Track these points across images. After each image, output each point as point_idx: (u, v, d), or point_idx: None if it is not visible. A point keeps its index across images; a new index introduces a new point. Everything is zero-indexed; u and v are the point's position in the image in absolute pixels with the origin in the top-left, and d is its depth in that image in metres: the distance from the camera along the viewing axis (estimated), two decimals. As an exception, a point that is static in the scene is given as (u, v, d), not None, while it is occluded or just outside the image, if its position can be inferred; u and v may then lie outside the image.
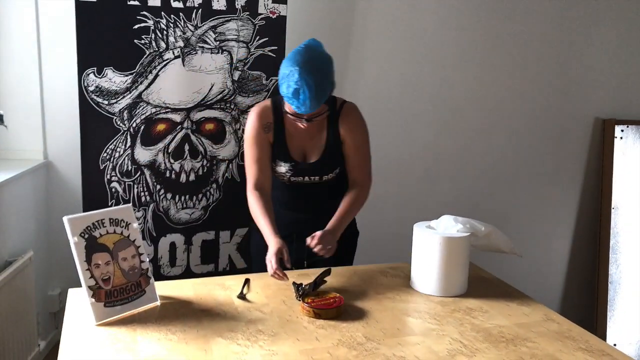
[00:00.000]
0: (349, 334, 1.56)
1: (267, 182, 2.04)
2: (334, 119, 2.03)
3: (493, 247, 1.95)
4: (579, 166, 3.45)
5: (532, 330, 1.63)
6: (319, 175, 2.06)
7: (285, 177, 2.06)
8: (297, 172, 2.05)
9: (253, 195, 2.01)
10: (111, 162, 2.41)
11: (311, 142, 2.04)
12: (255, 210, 1.99)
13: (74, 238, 1.55)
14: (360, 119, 2.08)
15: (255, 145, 2.02)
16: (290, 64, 1.83)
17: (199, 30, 2.39)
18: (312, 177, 2.06)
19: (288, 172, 2.05)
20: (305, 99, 1.81)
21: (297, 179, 2.06)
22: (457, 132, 3.21)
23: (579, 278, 3.56)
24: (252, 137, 2.02)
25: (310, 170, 2.05)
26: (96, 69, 2.31)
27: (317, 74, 1.83)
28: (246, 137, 2.05)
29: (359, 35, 2.96)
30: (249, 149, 2.04)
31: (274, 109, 2.03)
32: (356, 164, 2.08)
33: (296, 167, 2.04)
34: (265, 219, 1.94)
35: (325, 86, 1.86)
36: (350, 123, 2.05)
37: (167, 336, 1.51)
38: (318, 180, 2.07)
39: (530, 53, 3.23)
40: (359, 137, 2.06)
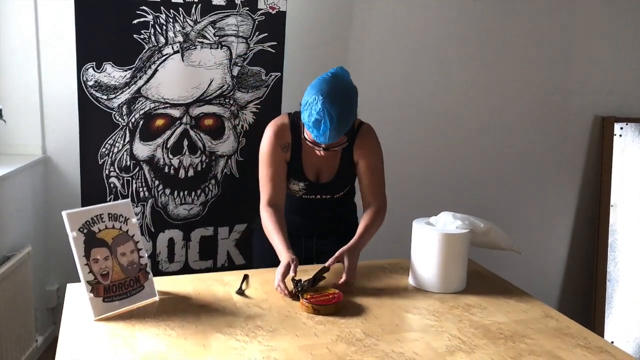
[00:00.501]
0: (348, 330, 1.56)
1: (281, 198, 2.01)
2: (349, 139, 1.99)
3: (492, 243, 1.95)
4: (578, 164, 3.45)
5: (530, 327, 1.63)
6: (332, 194, 2.07)
7: (298, 194, 2.07)
8: (310, 191, 2.06)
9: (267, 212, 1.97)
10: (110, 157, 2.40)
11: (325, 162, 2.02)
12: (268, 226, 1.95)
13: (73, 233, 1.54)
14: (376, 142, 2.06)
15: (272, 163, 1.98)
16: (315, 92, 1.79)
17: (198, 26, 2.39)
18: (324, 196, 2.07)
19: (301, 190, 2.05)
20: (325, 130, 1.78)
21: (309, 197, 2.07)
22: (456, 130, 3.20)
23: (578, 275, 3.56)
24: (269, 155, 1.98)
25: (324, 189, 2.06)
26: (95, 63, 2.30)
27: (341, 106, 1.79)
28: (262, 153, 2.01)
29: (358, 30, 2.95)
30: (265, 166, 2.00)
31: (291, 128, 1.99)
32: (371, 186, 2.05)
33: (310, 186, 2.04)
34: (278, 235, 1.90)
35: (347, 118, 1.82)
36: (366, 147, 2.03)
37: (165, 331, 1.51)
38: (330, 197, 2.08)
39: (530, 51, 3.23)
40: (373, 159, 2.05)
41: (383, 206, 2.06)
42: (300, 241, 2.09)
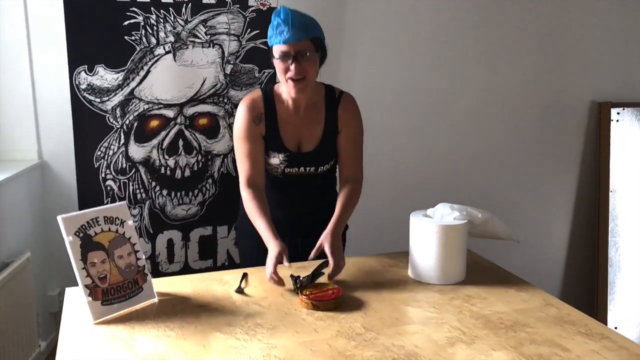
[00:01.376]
0: (348, 325, 1.55)
1: (260, 177, 1.98)
2: (332, 107, 2.00)
3: (490, 233, 1.94)
4: (576, 150, 3.44)
5: (531, 315, 1.62)
6: (315, 165, 2.01)
7: (279, 169, 2.00)
8: (292, 163, 1.99)
9: (247, 193, 1.95)
10: (105, 160, 2.40)
11: (307, 130, 1.99)
12: (251, 209, 1.94)
13: (69, 237, 1.54)
14: (358, 111, 2.05)
15: (246, 139, 1.96)
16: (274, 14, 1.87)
17: (189, 25, 2.38)
18: (307, 168, 2.01)
19: (282, 162, 1.99)
20: (287, 19, 1.81)
21: (291, 170, 2.01)
22: (452, 118, 3.20)
23: (579, 262, 3.56)
24: (243, 130, 1.96)
25: (307, 160, 2.00)
26: (87, 66, 2.30)
27: (301, 12, 1.87)
28: (236, 130, 1.98)
29: (350, 26, 2.94)
30: (239, 143, 1.97)
31: (264, 99, 1.97)
32: (351, 157, 2.03)
33: (291, 157, 1.99)
34: (262, 220, 1.89)
35: (309, 19, 1.89)
36: (350, 112, 2.02)
37: (165, 332, 1.51)
38: (313, 171, 2.02)
39: (525, 37, 3.22)
40: (356, 128, 2.03)
41: (360, 180, 2.06)
42: (285, 241, 2.06)
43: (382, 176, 3.08)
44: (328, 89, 2.03)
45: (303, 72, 1.86)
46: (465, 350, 1.43)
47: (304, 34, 1.84)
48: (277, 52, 1.86)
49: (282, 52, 1.85)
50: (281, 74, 1.88)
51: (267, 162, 2.01)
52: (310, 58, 1.87)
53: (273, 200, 2.04)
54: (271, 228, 1.88)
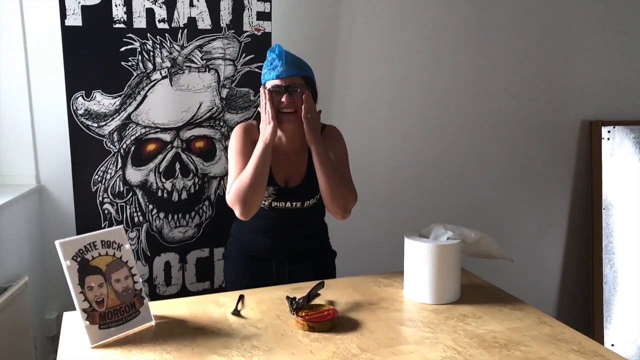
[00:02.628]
0: (344, 346, 1.57)
1: None
2: None
3: (484, 253, 1.96)
4: (568, 168, 3.48)
5: (525, 334, 1.64)
6: (302, 200, 2.04)
7: (267, 202, 2.03)
8: (280, 197, 2.03)
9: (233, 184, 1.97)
10: (103, 184, 2.42)
11: (294, 166, 2.03)
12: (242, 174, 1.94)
13: (67, 262, 1.56)
14: (341, 137, 2.09)
15: (242, 155, 1.99)
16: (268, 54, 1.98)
17: (185, 50, 2.42)
18: (294, 203, 2.04)
19: (270, 196, 2.02)
20: (281, 54, 1.91)
21: (278, 205, 2.04)
22: (445, 137, 3.23)
23: (574, 280, 3.57)
24: (239, 148, 2.00)
25: (293, 194, 2.04)
26: (84, 92, 2.33)
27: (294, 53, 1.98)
28: (232, 148, 2.03)
29: (343, 50, 2.99)
30: (235, 158, 2.00)
31: (259, 128, 2.02)
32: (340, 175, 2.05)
33: (279, 192, 2.02)
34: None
35: (301, 61, 1.98)
36: (332, 139, 2.06)
37: (162, 356, 1.52)
38: (300, 206, 2.05)
39: (517, 56, 3.27)
40: (340, 151, 2.06)
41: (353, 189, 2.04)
42: (271, 266, 2.08)
43: (375, 195, 3.11)
44: None
45: (293, 105, 1.92)
46: (459, 369, 1.45)
47: (297, 71, 1.93)
48: (270, 87, 1.93)
49: (274, 86, 1.92)
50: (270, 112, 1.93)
51: None
52: (301, 93, 1.93)
53: (260, 228, 2.07)
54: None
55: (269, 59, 1.95)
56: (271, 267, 2.09)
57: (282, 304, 1.81)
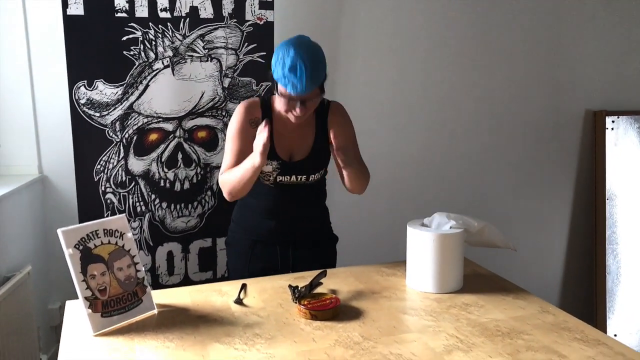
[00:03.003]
0: (346, 334, 1.57)
1: None
2: (322, 116, 2.03)
3: (487, 242, 1.96)
4: (572, 158, 3.46)
5: (527, 323, 1.64)
6: (307, 174, 2.04)
7: (271, 177, 2.02)
8: (284, 171, 2.01)
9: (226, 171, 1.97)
10: (105, 174, 2.42)
11: (299, 140, 2.02)
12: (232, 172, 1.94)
13: (69, 250, 1.56)
14: (348, 115, 2.09)
15: (239, 138, 1.98)
16: (284, 45, 1.84)
17: (187, 39, 2.41)
18: (299, 177, 2.03)
19: (275, 170, 2.00)
20: (302, 75, 1.79)
21: (283, 179, 2.02)
22: (449, 128, 3.22)
23: (577, 270, 3.57)
24: (237, 129, 1.99)
25: (298, 169, 2.02)
26: (86, 81, 2.32)
27: (312, 54, 1.83)
28: (230, 129, 2.01)
29: (347, 38, 2.97)
30: (231, 141, 1.99)
31: (262, 106, 2.01)
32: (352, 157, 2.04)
33: (283, 166, 2.01)
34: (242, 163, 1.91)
35: (319, 67, 1.85)
36: (339, 117, 2.06)
37: (164, 344, 1.52)
38: (305, 180, 2.04)
39: (520, 47, 3.25)
40: (348, 130, 2.07)
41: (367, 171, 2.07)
42: (276, 250, 2.08)
43: (378, 185, 3.09)
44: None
45: (306, 112, 1.91)
46: (462, 357, 1.45)
47: (315, 83, 1.86)
48: (283, 92, 1.87)
49: (289, 95, 1.86)
50: (282, 107, 1.91)
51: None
52: (315, 100, 1.91)
53: (264, 209, 2.07)
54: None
55: (285, 71, 1.81)
56: (275, 250, 2.08)
57: (285, 293, 1.81)
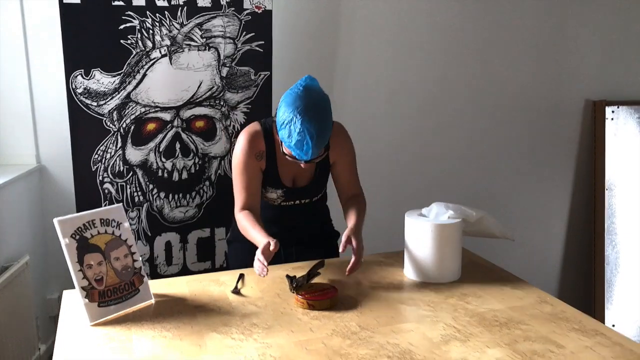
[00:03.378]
0: (343, 324, 1.56)
1: (257, 204, 1.99)
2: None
3: (485, 232, 1.95)
4: (571, 149, 3.45)
5: (525, 313, 1.64)
6: (310, 197, 2.07)
7: (276, 202, 2.05)
8: (289, 197, 2.04)
9: (242, 214, 1.95)
10: (103, 164, 2.41)
11: (301, 168, 1.97)
12: (245, 224, 1.92)
13: (65, 239, 1.55)
14: (349, 138, 2.06)
15: (245, 172, 1.95)
16: (291, 111, 1.76)
17: (184, 28, 2.39)
18: (303, 200, 2.07)
19: (280, 197, 2.03)
20: (308, 149, 1.75)
21: (287, 203, 2.06)
22: (447, 118, 3.21)
23: (576, 260, 3.57)
24: (243, 163, 1.95)
25: (302, 194, 2.05)
26: (83, 70, 2.31)
27: (319, 122, 1.77)
28: (235, 162, 1.97)
29: (346, 25, 2.95)
30: (238, 175, 1.97)
31: (265, 136, 1.97)
32: (351, 181, 2.08)
33: (287, 193, 2.03)
34: (255, 228, 1.87)
35: (326, 133, 1.80)
36: (341, 144, 2.02)
37: (161, 333, 1.52)
38: (308, 202, 2.08)
39: (519, 36, 3.23)
40: (350, 158, 2.06)
41: (362, 193, 2.10)
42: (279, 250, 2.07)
43: (377, 176, 3.10)
44: None
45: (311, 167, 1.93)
46: (459, 347, 1.44)
47: (320, 150, 1.82)
48: (288, 153, 1.84)
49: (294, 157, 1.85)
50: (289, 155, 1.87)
51: (264, 195, 2.04)
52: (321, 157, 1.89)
53: (267, 218, 2.05)
54: (262, 230, 1.86)
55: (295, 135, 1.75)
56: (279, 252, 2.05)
57: (282, 283, 1.81)
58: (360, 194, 2.09)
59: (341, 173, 2.06)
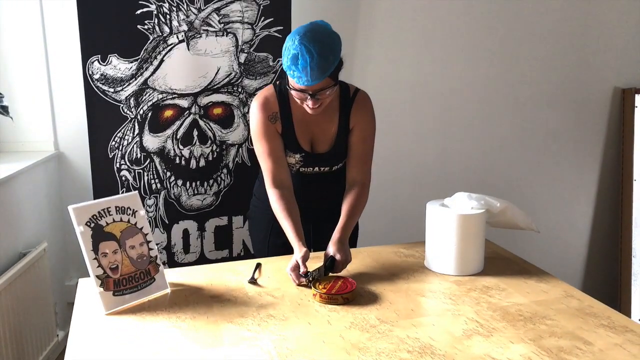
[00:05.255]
0: (362, 317, 1.52)
1: (286, 174, 1.92)
2: (346, 106, 1.93)
3: (509, 223, 1.90)
4: (598, 138, 3.36)
5: (551, 307, 1.58)
6: (330, 165, 1.98)
7: (294, 168, 1.97)
8: (307, 163, 1.96)
9: (274, 194, 1.88)
10: (120, 151, 2.39)
11: (320, 129, 1.93)
12: (278, 211, 1.87)
13: (80, 227, 1.53)
14: (372, 110, 1.98)
15: (264, 138, 1.89)
16: (292, 34, 1.74)
17: (202, 13, 2.35)
18: (322, 168, 1.98)
19: (298, 163, 1.96)
20: (305, 66, 1.68)
21: (306, 170, 1.98)
22: (471, 108, 3.14)
23: (601, 253, 3.49)
24: (260, 130, 1.90)
25: (321, 160, 1.96)
26: (100, 56, 2.28)
27: (319, 44, 1.70)
28: (253, 131, 1.92)
29: (366, 9, 2.89)
30: (258, 143, 1.91)
31: (278, 96, 1.91)
32: (360, 156, 1.96)
33: (306, 158, 1.95)
34: (289, 222, 1.82)
35: (327, 56, 1.71)
36: (363, 111, 1.94)
37: (176, 323, 1.49)
38: (328, 170, 1.99)
39: (548, 23, 3.14)
40: (369, 127, 1.96)
41: (367, 183, 1.98)
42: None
43: (398, 169, 3.05)
44: (343, 87, 1.95)
45: (320, 107, 1.81)
46: (482, 342, 1.40)
47: (322, 75, 1.73)
48: (293, 85, 1.78)
49: (299, 89, 1.77)
50: (296, 98, 1.82)
51: None
52: (328, 93, 1.79)
53: None
54: (297, 231, 1.81)
55: (291, 51, 1.71)
56: None
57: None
58: (364, 185, 1.96)
59: (355, 142, 1.95)
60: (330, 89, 1.78)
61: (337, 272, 1.76)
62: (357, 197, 1.93)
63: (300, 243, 1.77)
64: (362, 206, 1.94)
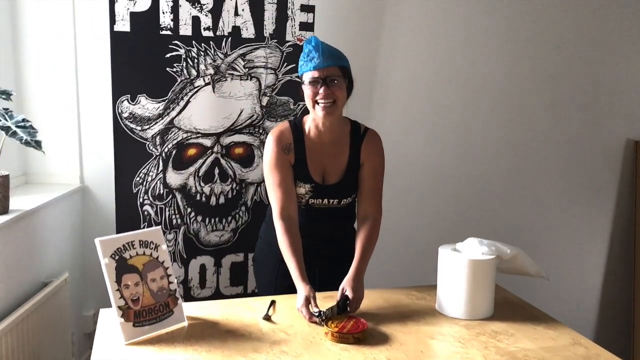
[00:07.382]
0: (372, 357, 1.56)
1: (293, 207, 1.99)
2: (356, 142, 2.03)
3: (519, 270, 1.93)
4: (612, 189, 3.39)
5: (558, 354, 1.61)
6: (339, 198, 2.04)
7: (304, 200, 2.03)
8: (317, 194, 2.02)
9: (281, 226, 1.95)
10: (144, 186, 2.48)
11: (331, 162, 2.01)
12: (283, 245, 1.93)
13: (105, 259, 1.60)
14: (381, 147, 2.07)
15: (276, 168, 1.98)
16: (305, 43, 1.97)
17: (228, 58, 2.47)
18: (331, 200, 2.04)
19: (308, 193, 2.02)
20: (318, 48, 1.90)
21: (314, 202, 2.04)
22: (487, 151, 3.20)
23: (614, 305, 3.47)
24: (273, 160, 1.99)
25: (331, 192, 2.03)
26: (130, 96, 2.39)
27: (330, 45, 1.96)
28: (266, 162, 2.01)
29: (385, 60, 2.99)
30: (270, 173, 2.00)
31: (293, 129, 2.02)
32: (371, 191, 2.03)
33: (316, 188, 2.01)
34: (293, 259, 1.89)
35: (339, 53, 1.96)
36: (374, 146, 2.05)
37: (193, 356, 1.54)
38: (336, 204, 2.05)
39: (561, 74, 3.22)
40: (378, 162, 2.05)
41: (379, 217, 2.04)
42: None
43: (412, 208, 3.10)
44: (354, 125, 2.06)
45: (332, 96, 1.90)
46: (489, 386, 1.43)
47: (333, 61, 1.91)
48: (308, 78, 1.92)
49: (312, 78, 1.91)
50: (310, 100, 1.93)
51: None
52: (339, 84, 1.92)
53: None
54: (300, 269, 1.87)
55: (305, 51, 1.94)
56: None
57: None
58: (376, 219, 2.03)
59: (366, 177, 2.03)
60: (341, 79, 1.92)
61: (352, 311, 1.81)
62: (370, 231, 2.00)
63: (304, 283, 1.83)
64: (375, 241, 2.01)
